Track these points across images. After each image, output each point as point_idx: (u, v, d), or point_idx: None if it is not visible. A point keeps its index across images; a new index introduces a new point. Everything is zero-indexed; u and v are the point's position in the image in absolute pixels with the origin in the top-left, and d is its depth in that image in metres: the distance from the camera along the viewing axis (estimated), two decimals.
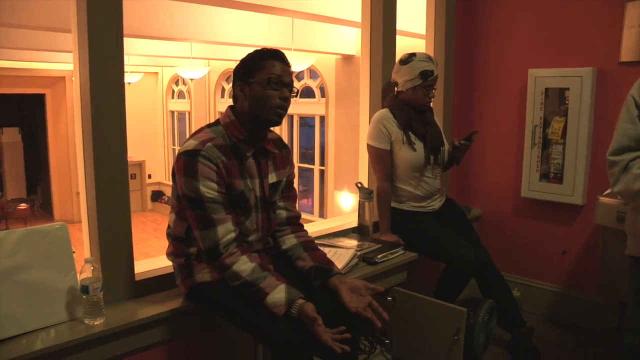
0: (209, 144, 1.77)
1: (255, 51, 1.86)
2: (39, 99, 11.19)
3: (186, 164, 1.74)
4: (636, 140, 1.87)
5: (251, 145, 1.87)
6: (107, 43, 1.84)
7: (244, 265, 1.74)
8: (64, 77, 10.50)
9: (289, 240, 2.04)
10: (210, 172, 1.74)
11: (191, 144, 1.77)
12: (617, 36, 2.88)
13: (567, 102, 3.07)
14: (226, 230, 1.75)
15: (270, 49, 1.86)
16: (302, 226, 2.12)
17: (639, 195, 1.85)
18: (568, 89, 3.06)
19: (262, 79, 1.79)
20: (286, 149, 2.06)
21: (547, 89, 3.15)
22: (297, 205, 2.15)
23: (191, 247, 1.88)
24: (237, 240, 1.78)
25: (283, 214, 2.05)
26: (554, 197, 3.19)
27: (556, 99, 3.12)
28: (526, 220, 3.39)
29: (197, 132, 1.86)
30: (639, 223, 1.93)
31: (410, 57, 2.67)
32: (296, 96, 1.89)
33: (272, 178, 1.96)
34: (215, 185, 1.74)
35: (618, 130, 1.91)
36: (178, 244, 1.91)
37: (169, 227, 1.95)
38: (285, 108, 1.84)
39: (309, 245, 2.03)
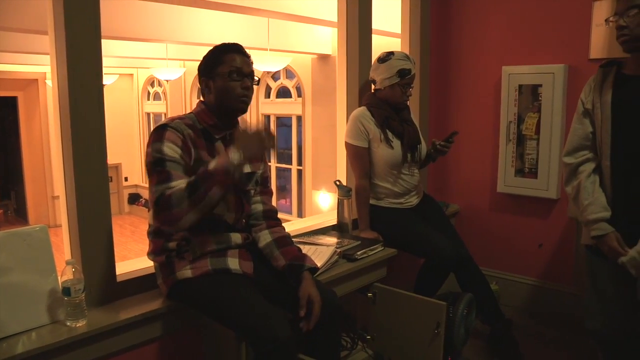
0: (177, 120, 1.88)
1: (215, 47, 1.97)
2: (11, 102, 10.99)
3: (155, 135, 1.83)
4: (585, 137, 2.05)
5: (220, 130, 1.95)
6: (86, 44, 1.83)
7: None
8: (37, 79, 10.32)
9: (264, 237, 2.07)
10: (177, 138, 1.82)
11: (162, 121, 1.88)
12: (587, 34, 2.95)
13: (540, 98, 3.13)
14: (179, 185, 1.74)
15: (229, 43, 1.97)
16: (279, 221, 2.16)
17: (575, 205, 2.09)
18: (541, 85, 3.12)
19: (223, 72, 1.90)
20: None
21: (520, 86, 3.21)
22: (274, 203, 2.20)
23: (171, 241, 1.90)
24: None
25: (259, 207, 2.11)
26: (529, 192, 3.25)
27: (529, 96, 3.18)
28: (502, 215, 3.45)
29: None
30: None
31: (388, 56, 2.71)
32: (257, 84, 2.00)
33: (246, 168, 1.98)
34: (178, 149, 1.81)
35: (570, 132, 2.12)
36: (158, 239, 1.92)
37: (149, 225, 1.96)
38: (249, 96, 1.96)
39: (282, 241, 2.06)
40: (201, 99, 2.01)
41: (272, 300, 1.85)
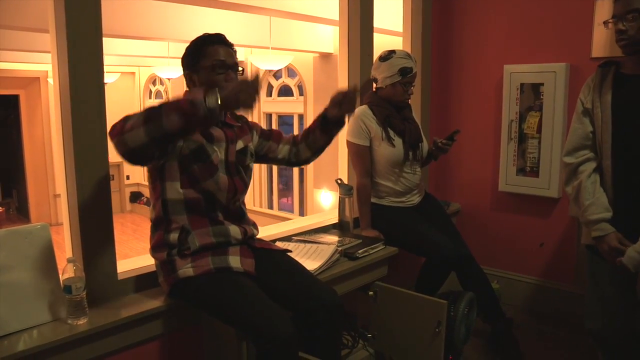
0: None
1: (197, 39, 1.95)
2: (13, 100, 11.00)
3: None
4: (585, 137, 2.05)
5: None
6: (87, 42, 1.83)
7: None
8: (39, 77, 10.33)
9: (302, 149, 2.23)
10: None
11: None
12: (588, 33, 2.95)
13: (541, 97, 3.13)
14: None
15: (211, 34, 1.95)
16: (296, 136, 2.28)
17: (576, 205, 2.08)
18: (542, 84, 3.12)
19: (206, 65, 1.90)
20: (243, 119, 2.15)
21: (522, 85, 3.20)
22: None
23: (171, 232, 1.90)
24: None
25: (286, 148, 2.24)
26: (530, 191, 3.24)
27: (531, 94, 3.18)
28: (504, 213, 3.45)
29: None
30: None
31: (389, 54, 2.70)
32: (242, 74, 1.98)
33: (239, 145, 2.05)
34: None
35: (570, 132, 2.13)
36: (159, 231, 1.93)
37: (151, 219, 1.98)
38: None
39: (306, 132, 2.22)
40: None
41: (274, 298, 1.85)
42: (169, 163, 1.86)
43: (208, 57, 1.90)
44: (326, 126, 2.14)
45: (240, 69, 1.97)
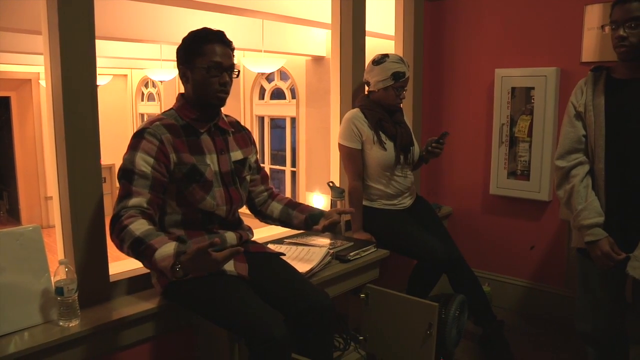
0: (157, 122, 1.86)
1: (196, 33, 1.90)
2: (4, 102, 10.94)
3: (133, 141, 1.83)
4: (577, 141, 2.06)
5: (204, 122, 1.94)
6: (79, 44, 1.83)
7: (141, 225, 1.69)
8: (30, 79, 10.28)
9: (275, 207, 2.20)
10: (152, 147, 1.80)
11: (142, 125, 1.88)
12: (578, 38, 2.98)
13: (532, 100, 3.15)
14: (138, 202, 1.75)
15: (210, 30, 1.91)
16: (279, 191, 2.27)
17: (567, 209, 2.09)
18: (533, 88, 3.14)
19: (202, 65, 1.86)
20: (245, 131, 2.15)
21: (513, 88, 3.23)
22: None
23: None
24: (145, 212, 1.76)
25: (265, 194, 2.22)
26: (521, 194, 3.27)
27: (522, 98, 3.20)
28: (495, 216, 3.47)
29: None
30: None
31: (383, 58, 2.72)
32: (237, 76, 1.95)
33: (237, 155, 2.04)
34: (151, 160, 1.79)
35: (561, 135, 2.13)
36: None
37: None
38: (226, 91, 1.92)
39: (292, 204, 2.22)
40: (181, 91, 1.99)
41: (266, 301, 1.85)
42: (169, 186, 1.86)
43: (205, 56, 1.85)
44: (305, 225, 2.17)
45: (236, 71, 1.93)
